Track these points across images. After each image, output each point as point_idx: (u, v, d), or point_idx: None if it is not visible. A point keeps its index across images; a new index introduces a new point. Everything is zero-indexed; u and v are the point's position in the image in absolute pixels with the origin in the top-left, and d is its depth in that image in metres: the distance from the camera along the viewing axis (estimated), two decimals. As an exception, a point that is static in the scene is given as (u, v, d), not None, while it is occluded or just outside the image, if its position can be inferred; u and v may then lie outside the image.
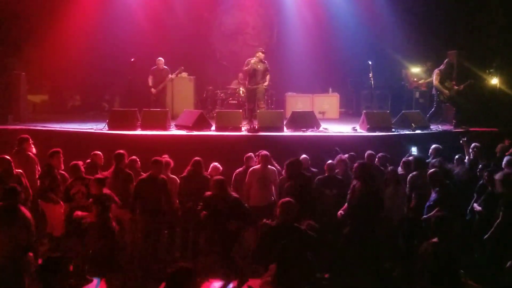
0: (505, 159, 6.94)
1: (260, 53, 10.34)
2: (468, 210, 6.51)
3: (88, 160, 6.98)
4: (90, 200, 5.93)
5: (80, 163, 6.54)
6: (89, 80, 13.62)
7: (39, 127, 9.49)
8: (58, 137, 8.68)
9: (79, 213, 5.92)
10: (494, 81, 11.00)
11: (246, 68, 10.37)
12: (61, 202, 6.43)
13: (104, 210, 5.79)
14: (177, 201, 6.80)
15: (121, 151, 6.91)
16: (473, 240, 6.25)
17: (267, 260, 4.81)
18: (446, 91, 10.00)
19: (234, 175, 7.29)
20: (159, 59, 11.07)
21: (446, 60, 10.24)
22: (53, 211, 6.55)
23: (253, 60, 10.33)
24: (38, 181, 6.77)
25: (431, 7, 13.12)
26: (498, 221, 5.55)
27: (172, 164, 7.07)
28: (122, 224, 6.52)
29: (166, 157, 7.06)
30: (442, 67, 10.19)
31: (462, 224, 6.29)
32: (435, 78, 10.14)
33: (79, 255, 5.99)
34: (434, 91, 10.45)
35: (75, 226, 5.97)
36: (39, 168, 7.06)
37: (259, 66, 10.27)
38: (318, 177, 6.90)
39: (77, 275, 5.82)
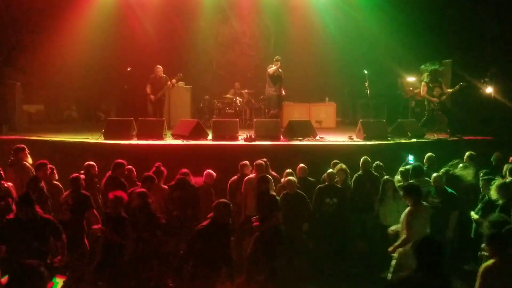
0: (506, 166, 6.94)
1: None
2: None
3: (82, 171, 6.86)
4: None
5: (82, 176, 6.45)
6: (85, 90, 13.58)
7: (35, 137, 9.36)
8: (53, 147, 8.60)
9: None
10: (489, 90, 11.04)
11: None
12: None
13: None
14: None
15: (120, 160, 6.83)
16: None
17: None
18: (435, 99, 10.12)
19: (229, 183, 7.26)
20: (157, 67, 10.97)
21: (431, 69, 10.35)
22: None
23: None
24: None
25: (426, 16, 13.21)
26: None
27: (165, 173, 6.85)
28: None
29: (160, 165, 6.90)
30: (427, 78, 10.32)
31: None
32: (422, 89, 10.34)
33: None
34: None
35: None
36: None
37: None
38: (319, 186, 6.90)
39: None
